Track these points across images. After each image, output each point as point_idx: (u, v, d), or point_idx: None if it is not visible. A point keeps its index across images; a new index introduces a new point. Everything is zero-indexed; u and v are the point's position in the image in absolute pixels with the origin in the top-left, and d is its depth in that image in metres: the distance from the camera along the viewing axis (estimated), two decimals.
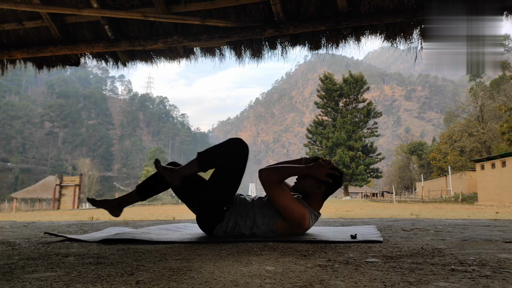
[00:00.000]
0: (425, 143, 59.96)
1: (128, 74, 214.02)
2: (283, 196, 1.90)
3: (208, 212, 2.01)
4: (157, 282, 1.00)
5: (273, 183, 1.91)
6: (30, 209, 25.89)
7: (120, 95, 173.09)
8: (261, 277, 1.05)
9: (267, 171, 1.95)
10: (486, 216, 5.52)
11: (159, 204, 32.84)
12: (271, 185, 1.91)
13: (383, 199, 35.62)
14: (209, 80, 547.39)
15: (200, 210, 2.03)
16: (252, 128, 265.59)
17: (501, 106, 27.20)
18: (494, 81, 36.68)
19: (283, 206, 1.89)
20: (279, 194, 1.90)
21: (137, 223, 3.55)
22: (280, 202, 1.89)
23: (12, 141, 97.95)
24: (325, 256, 1.40)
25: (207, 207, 2.00)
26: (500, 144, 29.17)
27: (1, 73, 4.21)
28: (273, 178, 1.92)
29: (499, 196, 17.79)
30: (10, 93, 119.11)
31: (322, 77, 46.13)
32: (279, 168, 1.97)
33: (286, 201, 1.89)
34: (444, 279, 0.99)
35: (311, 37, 3.60)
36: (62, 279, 1.05)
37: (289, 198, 1.91)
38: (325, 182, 1.97)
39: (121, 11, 3.39)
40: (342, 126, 42.37)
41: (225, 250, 1.57)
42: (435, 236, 2.03)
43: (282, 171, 1.96)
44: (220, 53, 3.95)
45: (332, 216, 5.56)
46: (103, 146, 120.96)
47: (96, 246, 1.81)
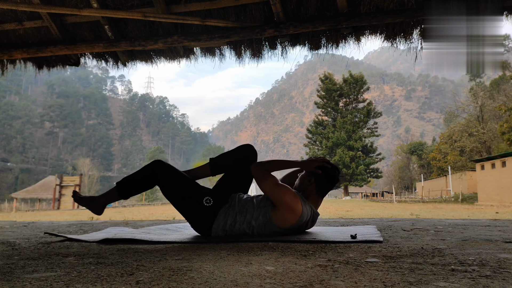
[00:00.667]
0: (425, 143, 59.97)
1: (128, 74, 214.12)
2: (271, 183, 1.96)
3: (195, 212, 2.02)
4: (157, 282, 1.00)
5: (261, 172, 2.00)
6: (30, 209, 25.90)
7: (120, 95, 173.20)
8: (261, 277, 1.05)
9: (256, 163, 2.07)
10: (486, 216, 5.52)
11: (159, 204, 32.85)
12: (261, 176, 2.00)
13: (383, 199, 35.63)
14: (209, 80, 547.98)
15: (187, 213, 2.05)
16: (252, 128, 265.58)
17: (501, 106, 27.21)
18: (494, 81, 36.70)
19: (271, 191, 1.95)
20: (268, 182, 1.96)
21: (137, 223, 3.55)
22: (267, 188, 1.96)
23: (12, 141, 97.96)
24: (325, 256, 1.40)
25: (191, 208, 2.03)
26: (500, 144, 29.18)
27: (1, 73, 4.21)
28: (262, 169, 2.02)
29: (499, 196, 17.80)
30: (10, 93, 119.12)
31: (322, 77, 46.14)
32: (269, 161, 2.07)
33: (275, 187, 1.94)
34: (444, 279, 0.99)
35: (311, 37, 3.60)
36: (62, 279, 1.05)
37: (277, 184, 1.96)
38: (316, 174, 2.04)
39: (121, 11, 3.39)
40: (342, 126, 42.38)
41: (225, 250, 1.57)
42: (435, 236, 2.03)
43: (272, 163, 2.06)
44: (220, 53, 3.95)
45: (332, 216, 5.56)
46: (103, 146, 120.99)
47: (96, 246, 1.81)
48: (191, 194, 2.02)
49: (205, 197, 2.00)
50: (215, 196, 2.02)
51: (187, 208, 2.04)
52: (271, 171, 2.05)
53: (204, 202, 1.99)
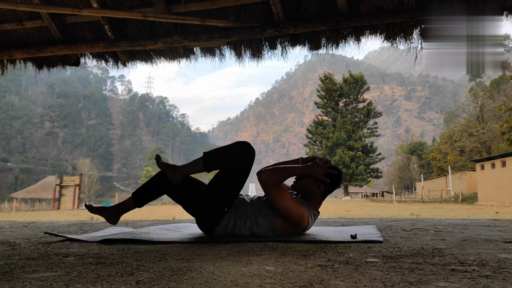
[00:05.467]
0: (425, 143, 59.92)
1: (128, 74, 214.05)
2: (283, 197, 1.90)
3: (209, 215, 2.00)
4: (157, 282, 1.00)
5: (273, 184, 1.92)
6: (30, 209, 25.89)
7: (120, 95, 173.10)
8: (261, 277, 1.05)
9: (266, 173, 1.95)
10: (486, 216, 5.51)
11: (159, 204, 32.84)
12: (270, 187, 1.91)
13: (383, 199, 35.61)
14: (208, 79, 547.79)
15: (201, 213, 2.03)
16: (252, 128, 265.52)
17: (501, 106, 27.21)
18: (494, 81, 36.70)
19: (283, 207, 1.89)
20: (279, 195, 1.90)
21: (137, 223, 3.55)
22: (280, 203, 1.90)
23: (12, 141, 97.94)
24: (325, 256, 1.40)
25: (208, 211, 2.00)
26: (500, 144, 29.16)
27: (1, 73, 4.21)
28: (272, 180, 1.92)
29: (499, 196, 17.79)
30: (10, 93, 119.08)
31: (322, 77, 46.13)
32: (278, 169, 1.97)
33: (286, 203, 1.89)
34: (444, 279, 0.99)
35: (311, 37, 3.60)
36: (62, 279, 1.05)
37: (289, 199, 1.91)
38: (324, 181, 1.97)
39: (121, 11, 3.39)
40: (342, 126, 42.37)
41: (225, 250, 1.57)
42: (435, 236, 2.03)
43: (281, 172, 1.95)
44: (220, 53, 3.95)
45: (332, 216, 5.56)
46: (103, 146, 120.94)
47: (96, 246, 1.81)
48: (227, 197, 2.00)
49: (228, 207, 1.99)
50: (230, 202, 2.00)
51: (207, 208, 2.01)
52: (281, 182, 1.98)
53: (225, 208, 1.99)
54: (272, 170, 1.96)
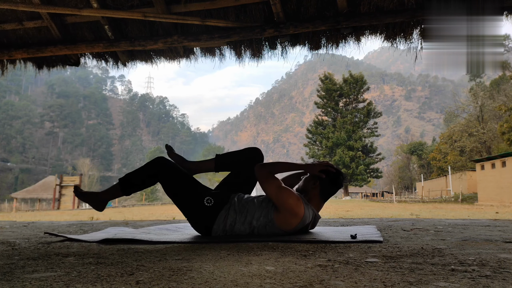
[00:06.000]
0: (425, 143, 59.93)
1: (128, 74, 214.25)
2: (274, 184, 1.96)
3: (196, 212, 2.02)
4: (157, 282, 1.00)
5: (265, 174, 2.00)
6: (30, 209, 25.88)
7: (120, 95, 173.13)
8: (261, 277, 1.05)
9: (260, 164, 2.07)
10: (486, 216, 5.52)
11: (159, 204, 32.84)
12: (263, 177, 1.99)
13: (383, 199, 35.61)
14: (208, 79, 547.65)
15: (188, 212, 2.05)
16: (252, 128, 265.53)
17: (501, 106, 27.22)
18: (494, 81, 36.70)
19: (275, 194, 1.94)
20: (270, 184, 1.96)
21: (137, 223, 3.55)
22: (271, 191, 1.95)
23: (12, 141, 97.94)
24: (325, 256, 1.40)
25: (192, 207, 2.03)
26: (500, 144, 29.17)
27: (1, 73, 4.21)
28: (265, 169, 2.02)
29: (499, 196, 17.80)
30: (10, 93, 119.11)
31: (322, 77, 46.11)
32: (273, 162, 2.08)
33: (276, 189, 1.94)
34: (444, 279, 0.99)
35: (311, 37, 3.60)
36: (62, 279, 1.05)
37: (280, 185, 1.95)
38: (320, 178, 2.04)
39: (121, 11, 3.39)
40: (342, 126, 42.37)
41: (225, 250, 1.57)
42: (435, 236, 2.03)
43: (276, 164, 2.06)
44: (220, 53, 3.95)
45: (332, 216, 5.56)
46: (103, 146, 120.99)
47: (96, 246, 1.81)
48: (192, 193, 2.02)
49: (206, 197, 2.00)
50: (216, 197, 2.02)
51: (188, 208, 2.04)
52: (275, 173, 2.05)
53: (205, 202, 1.99)
54: (268, 164, 2.08)
